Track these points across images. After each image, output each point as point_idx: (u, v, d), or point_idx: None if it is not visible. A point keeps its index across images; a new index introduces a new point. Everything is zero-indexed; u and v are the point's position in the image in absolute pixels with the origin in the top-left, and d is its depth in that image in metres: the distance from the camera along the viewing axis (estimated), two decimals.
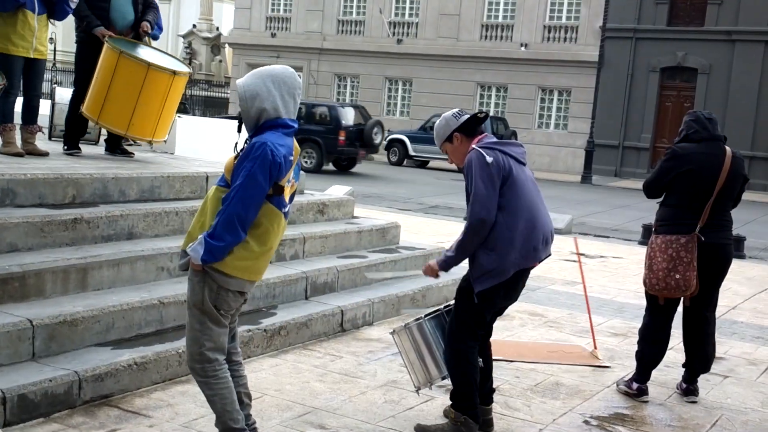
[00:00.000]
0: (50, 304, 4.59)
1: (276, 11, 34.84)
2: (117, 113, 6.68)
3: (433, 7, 31.08)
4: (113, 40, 6.68)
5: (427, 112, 28.83)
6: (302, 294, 6.15)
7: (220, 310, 3.54)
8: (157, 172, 6.40)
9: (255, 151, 3.36)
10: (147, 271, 5.36)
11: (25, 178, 5.35)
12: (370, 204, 13.09)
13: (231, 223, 3.37)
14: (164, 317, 5.03)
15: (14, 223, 4.90)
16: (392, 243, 7.74)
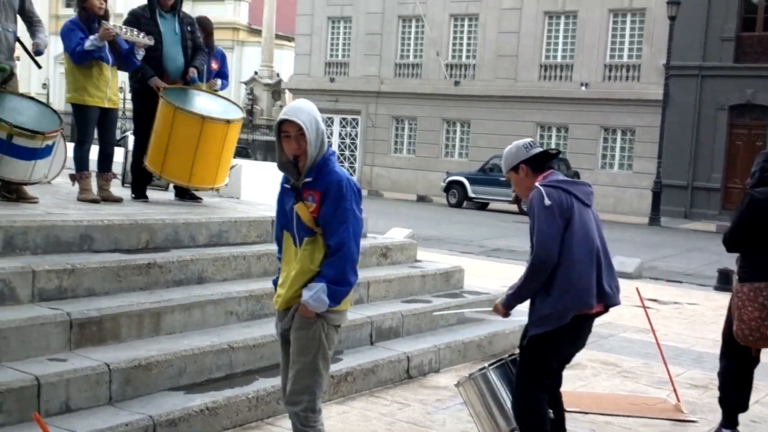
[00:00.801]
0: (125, 348, 4.72)
1: (334, 56, 35.43)
2: (178, 166, 6.91)
3: (491, 49, 31.24)
4: (168, 92, 6.89)
5: (486, 154, 28.72)
6: (367, 339, 6.19)
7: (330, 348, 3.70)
8: (224, 217, 6.58)
9: (345, 189, 3.50)
10: (216, 315, 5.48)
11: (101, 224, 5.57)
12: (430, 247, 13.14)
13: (353, 266, 3.55)
14: (234, 362, 5.12)
15: (92, 268, 5.10)
16: (456, 287, 7.76)
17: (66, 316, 4.58)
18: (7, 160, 5.80)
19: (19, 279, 4.70)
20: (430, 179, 31.21)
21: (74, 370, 4.27)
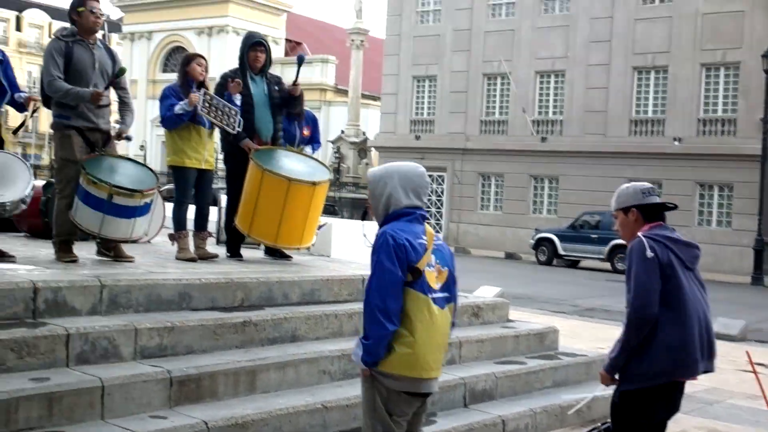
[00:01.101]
0: (222, 407, 4.78)
1: (420, 114, 35.83)
2: (265, 226, 7.02)
3: (578, 104, 31.08)
4: (258, 153, 7.04)
5: (575, 210, 28.45)
6: (461, 401, 6.08)
7: (392, 416, 3.55)
8: (316, 276, 6.65)
9: (377, 241, 3.49)
10: (310, 374, 5.49)
11: (199, 283, 5.71)
12: (521, 306, 12.94)
13: (373, 316, 3.42)
14: (327, 421, 5.09)
15: (191, 326, 5.22)
16: (551, 348, 7.61)
17: (167, 374, 4.68)
18: (109, 219, 6.03)
19: (122, 337, 4.85)
20: (518, 236, 30.94)
21: (174, 429, 4.34)
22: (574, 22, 31.33)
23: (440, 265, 3.62)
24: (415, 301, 3.47)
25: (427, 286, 3.51)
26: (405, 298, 3.47)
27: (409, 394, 3.56)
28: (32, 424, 4.07)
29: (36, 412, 4.10)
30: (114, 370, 4.59)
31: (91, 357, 4.69)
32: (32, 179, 5.83)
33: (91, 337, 4.72)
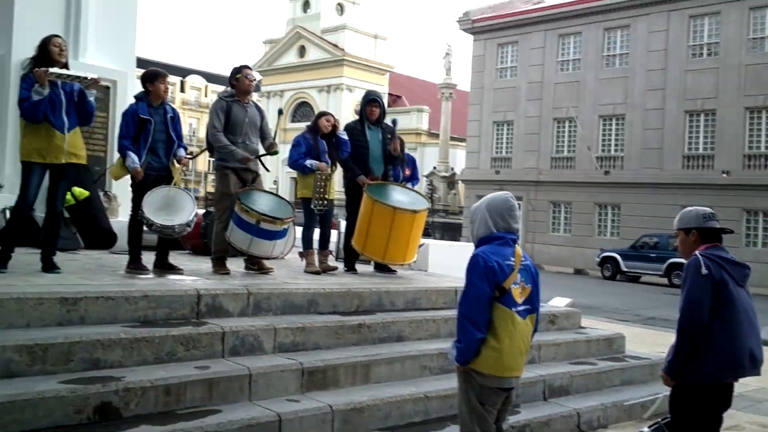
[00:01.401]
0: (343, 394, 4.82)
1: (499, 153, 35.51)
2: (375, 245, 7.09)
3: (636, 142, 30.23)
4: (370, 187, 7.13)
5: (635, 233, 27.59)
6: (541, 395, 5.96)
7: (484, 405, 3.56)
8: (417, 287, 6.65)
9: (470, 263, 3.51)
10: (413, 368, 5.49)
11: (324, 292, 5.80)
12: (589, 315, 12.54)
13: (462, 324, 3.48)
14: (428, 409, 5.08)
15: (317, 326, 5.31)
16: (618, 352, 7.37)
17: (299, 365, 4.78)
18: (256, 240, 6.23)
19: (265, 334, 4.98)
20: (585, 254, 30.18)
21: (305, 410, 4.42)
22: (632, 73, 30.57)
23: (524, 282, 3.59)
24: (501, 314, 3.48)
25: (512, 301, 3.50)
26: (493, 311, 3.48)
27: (496, 388, 3.57)
28: (196, 403, 4.22)
29: (199, 394, 4.25)
30: (258, 361, 4.72)
31: (240, 350, 4.83)
32: (195, 208, 6.05)
33: (240, 334, 4.86)
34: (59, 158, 5.45)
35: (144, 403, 4.02)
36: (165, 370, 4.28)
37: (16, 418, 3.59)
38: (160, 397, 4.09)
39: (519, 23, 34.26)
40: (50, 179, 5.57)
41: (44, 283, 4.88)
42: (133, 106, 5.98)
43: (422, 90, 57.45)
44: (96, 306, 4.58)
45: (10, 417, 3.58)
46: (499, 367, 3.49)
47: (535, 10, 34.27)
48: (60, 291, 4.54)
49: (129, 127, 5.84)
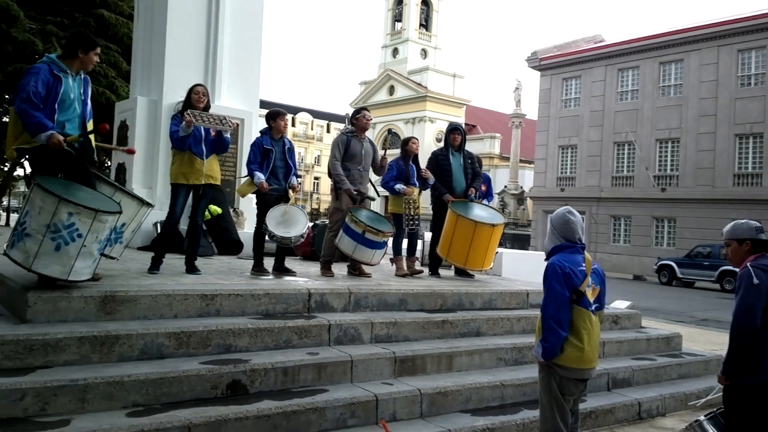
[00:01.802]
0: (430, 380, 4.81)
1: (564, 173, 34.58)
2: (458, 253, 7.03)
3: (691, 163, 28.75)
4: (454, 204, 7.09)
5: (690, 243, 26.23)
6: (605, 386, 5.77)
7: (564, 395, 3.51)
8: (493, 290, 6.57)
9: (547, 271, 3.47)
10: (490, 360, 5.42)
11: (412, 292, 5.80)
12: (647, 316, 11.92)
13: (548, 325, 3.42)
14: (504, 395, 5.01)
15: (407, 322, 5.31)
16: (676, 349, 7.03)
17: (392, 354, 4.80)
18: (360, 247, 6.32)
19: (363, 327, 5.04)
20: (642, 263, 28.92)
21: (398, 392, 4.43)
22: (686, 101, 29.16)
23: (594, 284, 3.56)
24: (579, 314, 3.45)
25: (587, 302, 3.47)
26: (573, 313, 3.45)
27: (576, 379, 3.51)
28: (308, 383, 4.31)
29: (310, 375, 4.33)
30: (358, 349, 4.76)
31: (343, 340, 4.90)
32: (308, 222, 6.21)
33: (343, 326, 4.92)
34: (199, 180, 5.69)
35: (266, 382, 4.13)
36: (283, 355, 4.38)
37: (165, 391, 3.78)
38: (279, 377, 4.19)
39: (582, 60, 33.41)
40: (193, 198, 5.81)
41: (188, 282, 5.08)
42: (259, 138, 6.21)
43: (494, 119, 56.82)
44: (228, 301, 4.74)
45: (161, 391, 3.77)
46: (581, 361, 3.46)
47: (596, 48, 33.38)
48: (200, 289, 4.71)
49: (256, 155, 6.08)
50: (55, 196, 3.82)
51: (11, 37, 13.51)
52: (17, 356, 3.63)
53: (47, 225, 3.83)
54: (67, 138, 4.34)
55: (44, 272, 3.90)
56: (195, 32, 9.27)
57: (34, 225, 3.85)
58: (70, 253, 3.91)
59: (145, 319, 4.33)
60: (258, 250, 6.21)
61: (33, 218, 3.86)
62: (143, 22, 9.78)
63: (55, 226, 3.84)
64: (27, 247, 3.84)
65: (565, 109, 34.52)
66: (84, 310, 4.11)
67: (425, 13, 54.97)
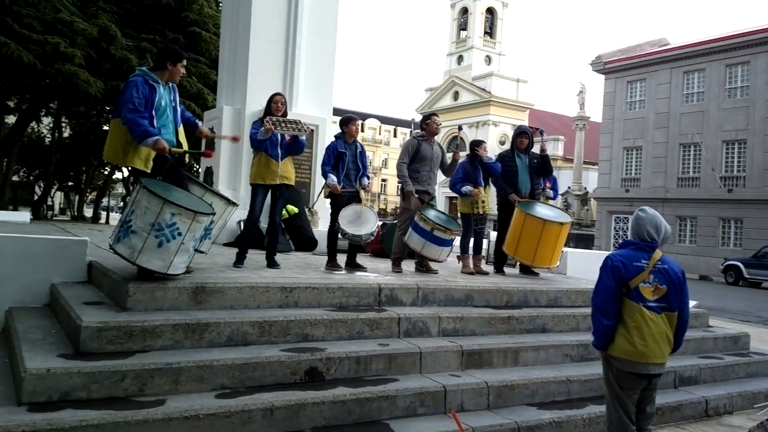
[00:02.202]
0: (496, 373, 4.73)
1: (628, 174, 33.31)
2: (525, 251, 6.89)
3: (758, 164, 27.08)
4: (521, 203, 6.96)
5: (757, 244, 24.72)
6: (672, 384, 5.52)
7: (622, 388, 3.38)
8: (559, 287, 6.39)
9: (602, 263, 3.43)
10: (556, 355, 5.29)
11: (478, 288, 5.71)
12: (714, 316, 11.38)
13: (593, 312, 3.41)
14: (570, 390, 4.88)
15: (473, 317, 5.25)
16: (743, 348, 6.65)
17: (459, 347, 4.75)
18: (428, 244, 6.31)
19: (431, 321, 5.01)
20: (708, 263, 27.48)
21: (465, 384, 4.38)
22: (752, 103, 27.50)
23: (658, 283, 3.39)
24: (629, 307, 3.35)
25: (640, 297, 3.33)
26: (623, 305, 3.35)
27: (632, 373, 3.36)
28: (380, 372, 4.32)
29: (381, 365, 4.34)
30: (426, 342, 4.73)
31: (412, 332, 4.88)
32: (377, 221, 6.25)
33: (412, 320, 4.91)
34: (275, 180, 5.81)
35: (341, 370, 4.18)
36: (356, 345, 4.41)
37: (250, 375, 3.89)
38: (352, 365, 4.23)
39: (647, 63, 32.11)
40: (270, 197, 5.96)
41: (269, 275, 5.19)
42: (333, 142, 6.31)
43: (557, 122, 55.41)
44: (305, 293, 4.83)
45: (246, 375, 3.88)
46: (631, 354, 3.33)
47: (661, 51, 32.00)
48: (280, 282, 4.81)
49: (330, 158, 6.18)
50: (160, 199, 4.01)
51: (110, 55, 14.24)
52: (119, 341, 3.81)
53: (152, 224, 4.02)
54: (172, 150, 4.56)
55: (147, 266, 4.08)
56: (275, 46, 9.56)
57: (139, 223, 4.04)
58: (171, 249, 4.09)
59: (232, 308, 4.46)
60: (332, 246, 6.30)
61: (139, 217, 4.05)
62: (229, 39, 10.12)
63: (159, 225, 4.02)
64: (132, 243, 4.04)
65: (629, 112, 33.27)
66: (177, 299, 4.28)
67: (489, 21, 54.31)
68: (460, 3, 55.34)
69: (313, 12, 9.90)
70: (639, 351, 3.31)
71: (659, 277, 3.40)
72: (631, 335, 3.31)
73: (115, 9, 15.42)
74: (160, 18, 16.45)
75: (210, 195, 4.96)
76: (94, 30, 13.54)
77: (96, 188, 29.17)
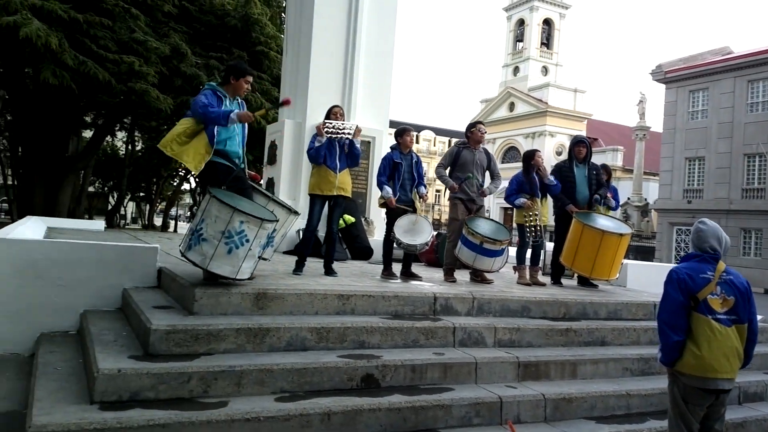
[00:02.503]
0: (554, 385, 4.59)
1: (691, 185, 31.98)
2: (583, 263, 6.69)
3: None
4: (578, 214, 6.79)
5: None
6: (736, 400, 5.22)
7: (688, 404, 3.24)
8: (618, 300, 6.17)
9: (666, 276, 3.30)
10: (615, 369, 5.10)
11: (535, 300, 5.60)
12: None
13: (661, 329, 3.26)
14: (630, 405, 4.69)
15: (530, 328, 5.13)
16: None
17: (516, 359, 4.65)
18: (479, 257, 6.23)
19: (486, 331, 4.93)
20: None
21: (522, 395, 4.29)
22: None
23: (725, 294, 3.25)
24: (697, 320, 3.20)
25: (708, 309, 3.19)
26: (691, 319, 3.20)
27: (701, 389, 3.22)
28: (435, 381, 4.28)
29: (437, 374, 4.30)
30: (481, 352, 4.66)
31: (467, 342, 4.82)
32: (432, 230, 6.22)
33: (467, 329, 4.85)
34: (332, 191, 5.90)
35: (396, 377, 4.16)
36: (411, 353, 4.38)
37: (308, 380, 3.91)
38: (408, 373, 4.20)
39: (709, 72, 30.83)
40: (328, 207, 6.05)
41: (327, 283, 5.24)
42: (389, 153, 6.34)
43: (616, 132, 53.82)
44: (362, 301, 4.84)
45: (304, 379, 3.91)
46: (700, 369, 3.19)
47: (724, 60, 30.67)
48: (338, 289, 4.84)
49: (386, 168, 6.21)
50: (231, 208, 4.14)
51: (180, 72, 14.85)
52: (185, 344, 3.92)
53: (222, 232, 4.15)
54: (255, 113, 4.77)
55: (218, 272, 4.20)
56: (334, 62, 9.78)
57: (210, 231, 4.17)
58: (239, 255, 4.20)
59: (291, 314, 4.52)
60: (387, 255, 6.31)
61: (209, 226, 4.18)
62: (291, 56, 10.40)
63: (229, 232, 4.15)
64: (204, 250, 4.17)
65: (691, 121, 32.00)
66: (240, 304, 4.38)
67: (546, 32, 53.52)
68: (516, 15, 54.82)
69: (370, 28, 10.04)
70: (708, 366, 3.18)
71: (726, 288, 3.27)
72: (700, 350, 3.18)
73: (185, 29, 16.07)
74: (227, 37, 17.04)
75: (273, 204, 5.06)
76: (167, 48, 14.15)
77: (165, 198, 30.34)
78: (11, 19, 10.82)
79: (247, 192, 4.82)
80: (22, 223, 7.57)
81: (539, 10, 53.25)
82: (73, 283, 5.07)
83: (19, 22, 10.87)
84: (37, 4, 11.52)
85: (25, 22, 10.92)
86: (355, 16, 9.93)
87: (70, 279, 5.07)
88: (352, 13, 9.94)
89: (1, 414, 3.58)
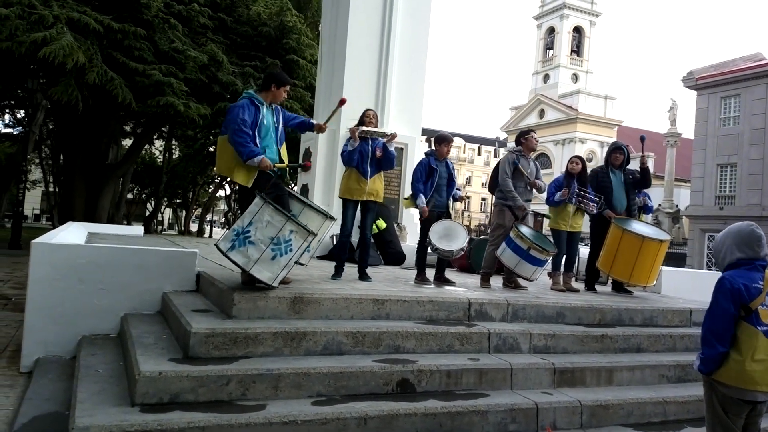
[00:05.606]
0: (590, 392, 4.48)
1: (722, 192, 31.15)
2: (622, 269, 6.55)
3: None
4: (617, 220, 6.64)
5: None
6: None
7: (727, 414, 3.10)
8: (654, 306, 6.00)
9: (717, 284, 3.10)
10: (652, 376, 4.95)
11: (570, 306, 5.48)
12: None
13: (706, 338, 3.09)
14: (667, 411, 4.54)
15: (565, 334, 5.02)
16: None
17: (551, 365, 4.55)
18: (523, 262, 6.13)
19: (521, 337, 4.84)
20: None
21: (558, 402, 4.18)
22: None
23: None
24: (746, 331, 3.03)
25: (758, 321, 3.02)
26: (738, 329, 3.05)
27: (740, 400, 3.08)
28: (470, 387, 4.21)
29: (472, 379, 4.23)
30: (516, 358, 4.57)
31: (502, 348, 4.74)
32: (467, 237, 6.15)
33: (502, 335, 4.77)
34: (362, 196, 5.89)
35: (431, 382, 4.10)
36: (446, 359, 4.32)
37: (344, 384, 3.88)
38: (443, 379, 4.14)
39: (741, 78, 30.04)
40: (361, 212, 6.03)
41: (362, 288, 5.21)
42: (425, 159, 6.28)
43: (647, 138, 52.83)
44: (396, 306, 4.79)
45: (341, 383, 3.88)
46: (741, 380, 3.04)
47: (756, 66, 29.88)
48: (373, 294, 4.81)
49: (421, 173, 6.16)
50: (285, 216, 4.16)
51: (218, 79, 15.11)
52: (224, 347, 3.93)
53: (272, 238, 4.16)
54: (275, 165, 4.77)
55: (258, 276, 4.21)
56: (368, 70, 9.82)
57: (259, 236, 4.17)
58: (281, 263, 4.21)
59: (327, 318, 4.50)
60: (421, 260, 6.26)
61: (259, 230, 4.18)
62: (326, 65, 10.48)
63: (278, 239, 4.16)
64: (249, 253, 4.18)
65: (723, 128, 31.19)
66: (278, 308, 4.38)
67: (577, 40, 52.94)
68: (546, 23, 54.37)
69: (403, 37, 10.07)
70: (749, 378, 3.03)
71: None
72: (743, 360, 3.03)
73: (222, 39, 16.34)
74: (261, 46, 17.27)
75: (309, 209, 5.06)
76: (204, 57, 14.39)
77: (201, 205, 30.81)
78: (39, 36, 10.90)
79: (283, 198, 4.83)
80: (64, 229, 7.72)
81: (569, 18, 52.71)
82: (114, 286, 5.13)
83: (48, 38, 10.92)
84: (74, 17, 11.70)
85: (56, 37, 10.99)
86: (389, 24, 9.97)
87: (112, 283, 5.13)
88: (386, 21, 9.99)
89: (45, 415, 3.63)
